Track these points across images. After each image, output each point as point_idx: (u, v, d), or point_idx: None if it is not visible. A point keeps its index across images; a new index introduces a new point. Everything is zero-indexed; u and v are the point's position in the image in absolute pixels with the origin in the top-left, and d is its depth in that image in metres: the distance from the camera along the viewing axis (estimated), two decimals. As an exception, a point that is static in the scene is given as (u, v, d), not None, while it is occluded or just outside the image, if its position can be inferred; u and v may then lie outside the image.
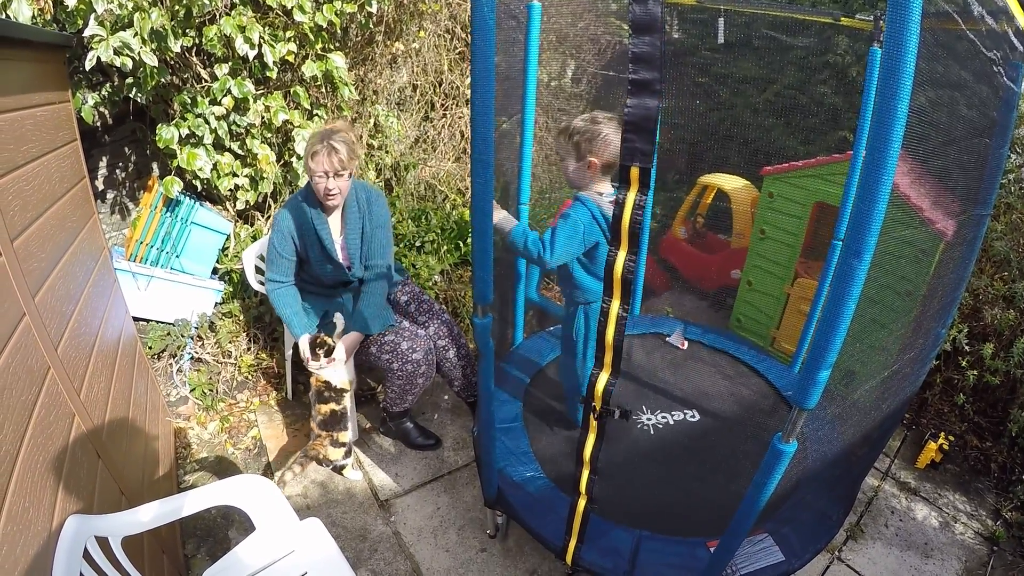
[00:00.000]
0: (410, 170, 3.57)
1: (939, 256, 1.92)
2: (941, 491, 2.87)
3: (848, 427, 1.81)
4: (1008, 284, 2.91)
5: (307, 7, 2.83)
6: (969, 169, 1.77)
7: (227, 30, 2.74)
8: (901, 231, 2.09)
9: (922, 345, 1.98)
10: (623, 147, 1.27)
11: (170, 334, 2.99)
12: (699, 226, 3.94)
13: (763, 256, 3.33)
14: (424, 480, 2.67)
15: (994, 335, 2.93)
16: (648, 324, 3.29)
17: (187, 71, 3.00)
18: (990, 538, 2.67)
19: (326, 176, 2.28)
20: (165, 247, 3.02)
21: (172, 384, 2.99)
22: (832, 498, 2.20)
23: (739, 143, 3.40)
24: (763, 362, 3.00)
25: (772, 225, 3.24)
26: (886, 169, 1.08)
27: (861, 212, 1.14)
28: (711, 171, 3.66)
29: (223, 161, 2.95)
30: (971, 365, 2.92)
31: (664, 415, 2.62)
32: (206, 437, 2.86)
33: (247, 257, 2.77)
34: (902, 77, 1.01)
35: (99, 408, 1.96)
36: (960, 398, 2.94)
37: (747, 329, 3.51)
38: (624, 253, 1.36)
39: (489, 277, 1.68)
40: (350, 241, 2.51)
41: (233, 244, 3.19)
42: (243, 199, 3.02)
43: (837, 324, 1.22)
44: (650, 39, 1.20)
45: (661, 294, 3.98)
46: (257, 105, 2.92)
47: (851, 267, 1.17)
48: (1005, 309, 2.87)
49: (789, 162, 3.11)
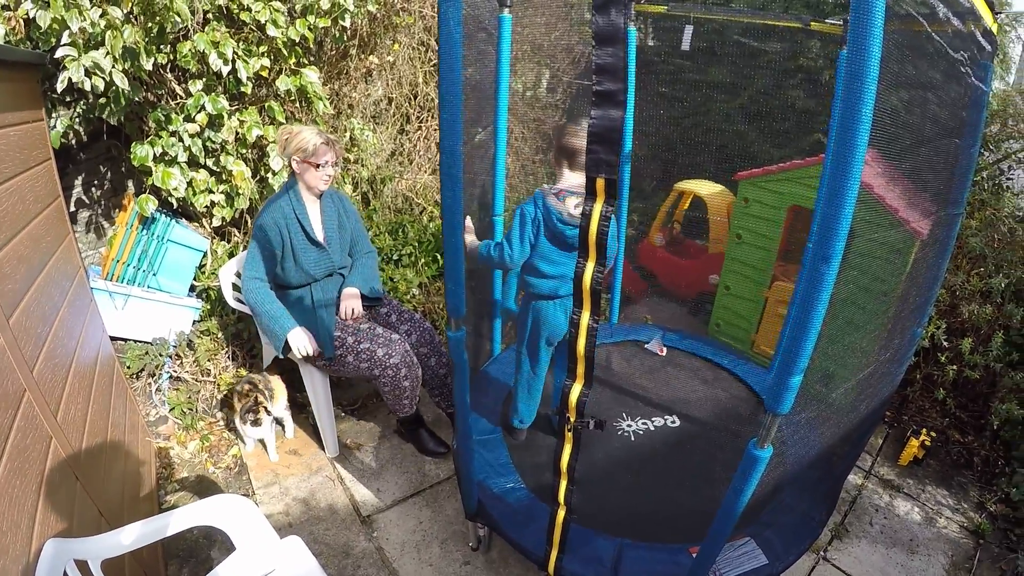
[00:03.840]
0: (387, 183, 3.55)
1: (914, 256, 1.92)
2: (924, 487, 2.87)
3: (827, 428, 1.80)
4: (984, 279, 2.92)
5: (280, 22, 2.81)
6: (940, 169, 1.77)
7: (201, 46, 2.71)
8: (876, 232, 2.09)
9: (899, 345, 1.97)
10: (588, 158, 1.25)
11: (148, 353, 2.94)
12: (676, 232, 3.94)
13: (740, 261, 3.33)
14: (406, 494, 2.64)
15: (972, 330, 2.94)
16: (626, 332, 3.28)
17: (162, 88, 2.97)
18: (975, 531, 2.67)
19: (325, 163, 2.49)
20: (141, 265, 2.98)
21: (151, 403, 2.95)
22: (814, 499, 2.19)
23: (713, 149, 3.40)
24: (742, 366, 3.00)
25: (748, 230, 3.24)
26: (851, 174, 1.07)
27: (828, 217, 1.13)
28: (686, 177, 3.66)
29: (198, 178, 2.92)
30: (950, 361, 2.93)
31: (644, 422, 2.60)
32: (187, 456, 2.81)
33: (224, 275, 2.73)
34: (866, 80, 1.00)
35: (76, 430, 1.92)
36: (940, 393, 2.95)
37: (726, 334, 3.51)
38: (592, 264, 1.34)
39: (461, 290, 1.66)
40: (328, 227, 2.64)
41: (210, 261, 3.15)
42: (219, 216, 2.98)
43: (807, 329, 1.21)
44: (613, 50, 1.19)
45: (639, 301, 3.96)
46: (231, 121, 2.89)
47: (819, 272, 1.16)
48: (982, 304, 2.88)
49: (763, 167, 3.11)
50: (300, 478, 2.69)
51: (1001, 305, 2.90)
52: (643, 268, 4.00)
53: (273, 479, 2.70)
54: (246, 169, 2.93)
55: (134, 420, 2.69)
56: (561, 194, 2.10)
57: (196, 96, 2.83)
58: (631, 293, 3.97)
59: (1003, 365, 2.84)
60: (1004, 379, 2.83)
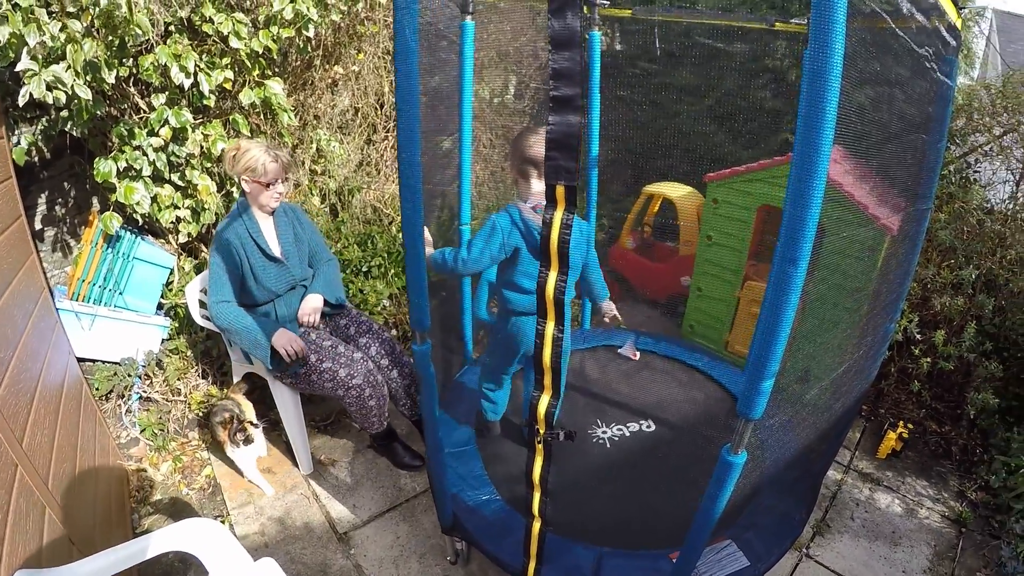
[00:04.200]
0: (355, 194, 3.49)
1: (884, 252, 1.90)
2: (904, 478, 2.87)
3: (804, 429, 1.78)
4: (954, 272, 2.92)
5: (243, 33, 2.74)
6: (909, 165, 1.76)
7: (163, 59, 2.65)
8: (846, 230, 2.07)
9: (872, 341, 1.96)
10: (547, 165, 1.21)
11: (116, 374, 2.86)
12: (647, 236, 3.91)
13: (711, 262, 3.30)
14: (382, 509, 2.58)
15: (944, 322, 2.94)
16: (599, 337, 3.23)
17: (125, 102, 2.89)
18: (957, 520, 2.67)
19: (276, 181, 2.45)
20: (107, 284, 2.90)
21: (122, 425, 2.87)
22: (794, 498, 2.17)
23: (682, 151, 3.38)
24: (717, 368, 2.97)
25: (718, 231, 3.22)
26: (816, 173, 1.04)
27: (794, 218, 1.10)
28: (656, 180, 3.64)
29: (163, 193, 2.85)
30: (924, 353, 2.93)
31: (619, 427, 2.56)
32: (159, 478, 2.74)
33: (190, 292, 2.66)
34: (829, 78, 0.97)
35: (43, 456, 1.86)
36: (915, 386, 2.95)
37: (700, 335, 3.48)
38: (555, 273, 1.30)
39: (425, 303, 1.61)
40: (284, 241, 2.59)
41: (177, 278, 3.07)
42: (185, 231, 2.91)
43: (776, 333, 1.18)
44: (569, 54, 1.15)
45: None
46: (195, 135, 2.82)
47: (787, 274, 1.14)
48: (953, 296, 2.88)
49: (732, 168, 3.10)
50: (275, 496, 2.63)
51: (972, 296, 2.90)
52: (615, 272, 3.96)
53: (247, 499, 2.63)
54: (212, 183, 2.86)
55: (104, 443, 2.62)
56: (538, 207, 2.05)
57: (159, 110, 2.76)
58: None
59: (977, 355, 2.84)
60: (979, 369, 2.84)
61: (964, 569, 2.48)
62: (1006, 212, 3.10)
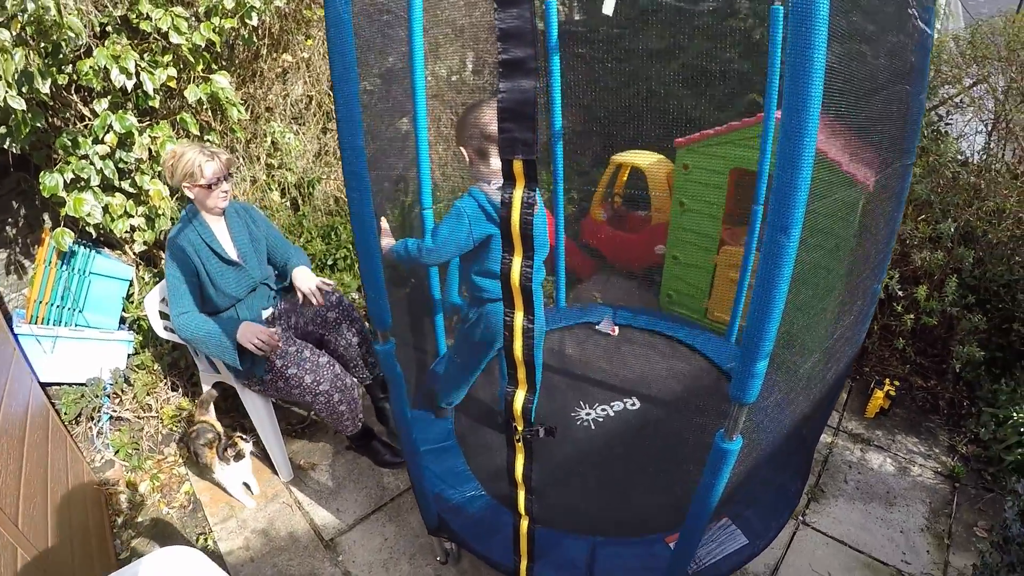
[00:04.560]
0: (315, 185, 3.30)
1: (861, 210, 1.76)
2: (894, 437, 2.78)
3: (798, 403, 1.65)
4: (932, 225, 2.82)
5: (183, 28, 2.54)
6: (893, 119, 1.61)
7: (102, 62, 2.44)
8: (827, 190, 1.94)
9: (861, 306, 1.83)
10: (501, 138, 1.06)
11: (84, 396, 2.68)
12: (618, 206, 3.75)
13: (686, 229, 3.16)
14: (367, 511, 2.44)
15: (925, 277, 2.84)
16: (575, 315, 3.09)
17: (67, 110, 2.68)
18: (950, 476, 2.59)
19: (218, 181, 2.27)
20: (66, 303, 2.71)
21: (95, 448, 2.69)
22: (789, 470, 2.06)
23: (649, 117, 3.20)
24: (698, 337, 2.85)
25: (691, 197, 3.07)
26: (806, 133, 0.90)
27: (784, 183, 0.96)
28: (623, 149, 3.48)
29: (114, 202, 2.65)
30: (906, 309, 2.82)
31: (603, 408, 2.43)
32: (138, 499, 2.57)
33: (149, 303, 2.47)
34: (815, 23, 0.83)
35: (10, 494, 1.71)
36: (900, 342, 2.85)
37: (679, 304, 3.35)
38: (519, 259, 1.15)
39: (383, 299, 1.46)
40: (240, 242, 2.42)
41: (137, 289, 2.88)
42: (141, 240, 2.71)
43: (770, 309, 1.04)
44: (518, 11, 1.00)
45: (587, 279, 3.77)
46: (142, 139, 2.62)
47: (779, 244, 0.99)
48: (933, 251, 2.78)
49: (701, 131, 2.95)
50: (257, 508, 2.47)
51: (951, 249, 2.80)
52: (588, 245, 3.81)
53: (229, 513, 2.48)
54: (163, 187, 2.66)
55: (78, 469, 2.45)
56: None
57: (102, 115, 2.55)
58: (578, 272, 3.77)
59: (959, 309, 2.74)
60: (962, 322, 2.74)
61: (961, 525, 2.40)
62: (980, 164, 2.99)
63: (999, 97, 3.05)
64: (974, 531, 2.39)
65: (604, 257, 3.80)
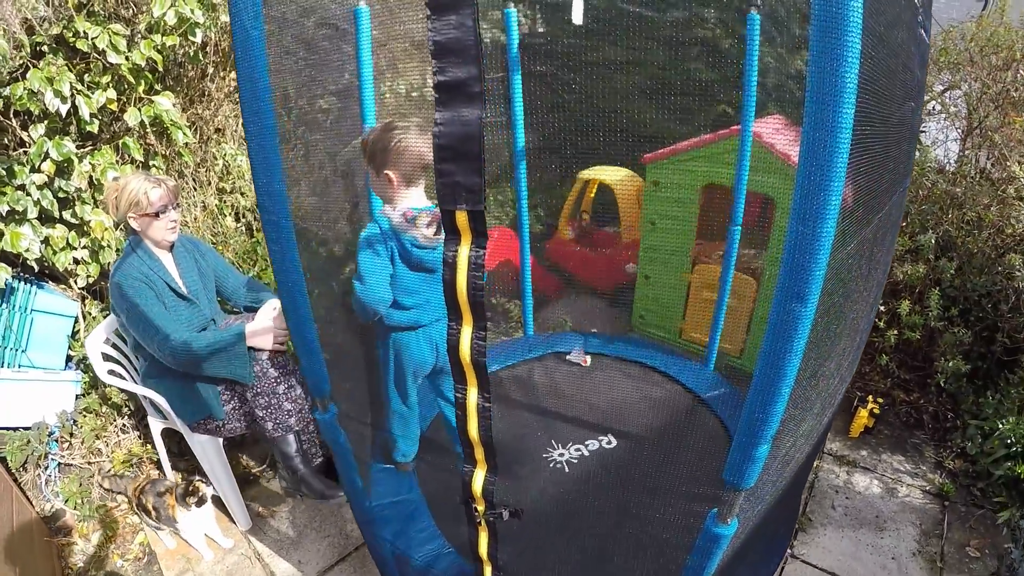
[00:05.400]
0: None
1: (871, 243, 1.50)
2: (880, 456, 2.56)
3: (797, 460, 1.40)
4: (912, 237, 2.60)
5: (121, 46, 2.24)
6: (902, 141, 1.35)
7: (35, 84, 2.14)
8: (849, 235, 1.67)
9: (861, 340, 1.59)
10: (439, 183, 0.79)
11: (29, 442, 2.36)
12: (585, 224, 3.46)
13: (657, 248, 2.88)
14: (330, 563, 2.15)
15: (907, 290, 2.62)
16: (544, 344, 2.77)
17: (4, 135, 2.37)
18: (939, 494, 2.38)
19: (166, 209, 1.99)
20: (7, 343, 2.38)
21: (44, 498, 2.37)
22: (780, 515, 1.82)
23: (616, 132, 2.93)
24: (674, 365, 2.56)
25: (661, 215, 2.79)
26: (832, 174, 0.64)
27: (802, 237, 0.70)
28: (590, 164, 3.19)
29: (55, 234, 2.34)
30: (888, 324, 2.60)
31: (577, 447, 2.14)
32: (91, 550, 2.27)
33: (91, 344, 2.13)
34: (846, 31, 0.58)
35: None
36: (883, 359, 2.62)
37: (652, 324, 3.05)
38: (469, 329, 0.88)
39: (319, 363, 1.18)
40: (188, 278, 2.13)
41: (83, 326, 2.56)
42: (84, 274, 2.40)
43: (778, 389, 0.78)
44: (457, 18, 0.72)
45: (555, 300, 3.44)
46: (82, 166, 2.31)
47: (793, 315, 0.73)
48: (914, 263, 2.56)
49: (671, 146, 2.69)
50: (214, 560, 2.18)
51: (931, 261, 2.58)
52: (556, 265, 3.49)
53: (186, 566, 2.18)
54: (106, 218, 2.36)
55: (25, 520, 2.14)
56: (408, 215, 1.63)
57: (39, 142, 2.24)
58: (546, 293, 3.43)
59: (943, 323, 2.53)
60: (946, 336, 2.52)
61: (953, 545, 2.19)
62: (956, 171, 2.78)
63: (972, 103, 2.85)
64: (966, 551, 2.19)
65: (572, 276, 3.50)
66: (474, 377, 0.93)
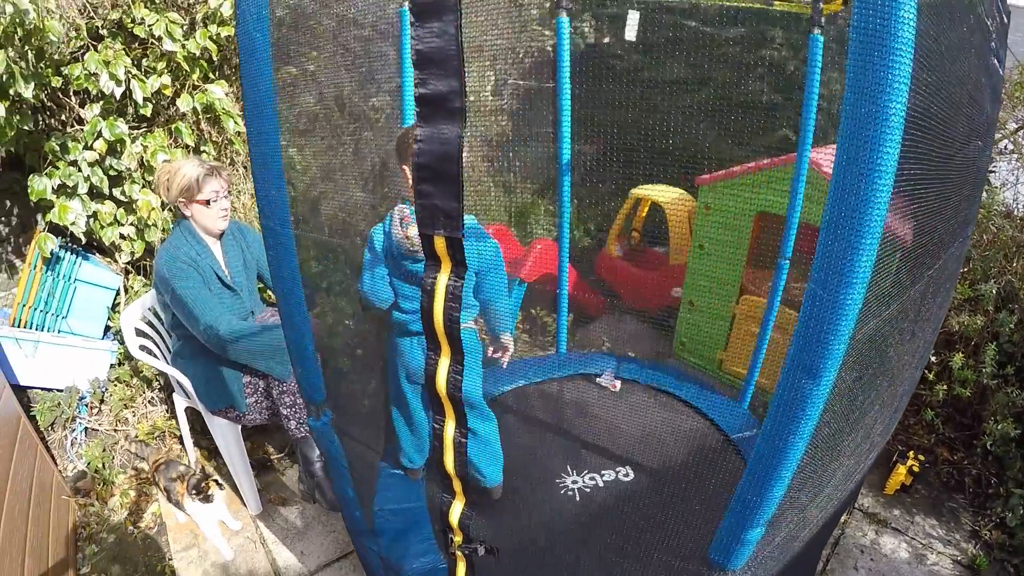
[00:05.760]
0: (320, 203, 3.01)
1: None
2: (912, 517, 2.36)
3: (812, 529, 1.28)
4: (973, 286, 2.39)
5: (177, 34, 2.28)
6: (965, 184, 1.20)
7: (92, 66, 2.20)
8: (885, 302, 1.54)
9: (902, 399, 1.45)
10: (418, 204, 0.73)
11: (60, 404, 2.44)
12: (635, 242, 3.34)
13: (704, 274, 2.72)
14: (331, 558, 2.12)
15: (961, 342, 2.42)
16: (575, 364, 2.64)
17: (63, 112, 2.45)
18: (970, 566, 2.17)
19: (217, 196, 1.99)
20: (49, 309, 2.47)
21: (68, 458, 2.45)
22: (794, 571, 1.69)
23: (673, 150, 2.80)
24: (707, 399, 2.40)
25: (712, 240, 2.64)
26: (866, 229, 0.56)
27: (821, 303, 0.61)
28: (645, 182, 3.06)
29: (103, 210, 2.40)
30: (938, 377, 2.41)
31: (592, 476, 2.03)
32: (106, 515, 2.32)
33: (126, 320, 2.16)
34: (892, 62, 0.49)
35: None
36: (928, 413, 2.43)
37: (692, 352, 2.89)
38: (446, 361, 0.82)
39: (315, 372, 1.14)
40: (233, 267, 2.12)
41: (124, 299, 2.63)
42: (128, 250, 2.46)
43: (777, 473, 0.69)
44: (440, 25, 0.66)
45: (595, 319, 3.33)
46: (133, 147, 2.37)
47: (802, 391, 0.64)
48: (972, 314, 2.35)
49: (726, 169, 2.55)
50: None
51: (991, 313, 2.37)
52: (601, 282, 3.36)
53: (192, 541, 2.21)
54: (154, 198, 2.40)
55: (46, 479, 2.21)
56: (407, 220, 1.58)
57: (92, 121, 2.31)
58: (587, 311, 3.32)
59: (997, 381, 2.32)
60: (998, 395, 2.31)
61: (981, 626, 2.00)
62: (1025, 218, 2.55)
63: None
64: (995, 635, 1.99)
65: (616, 295, 3.38)
66: (451, 410, 0.87)
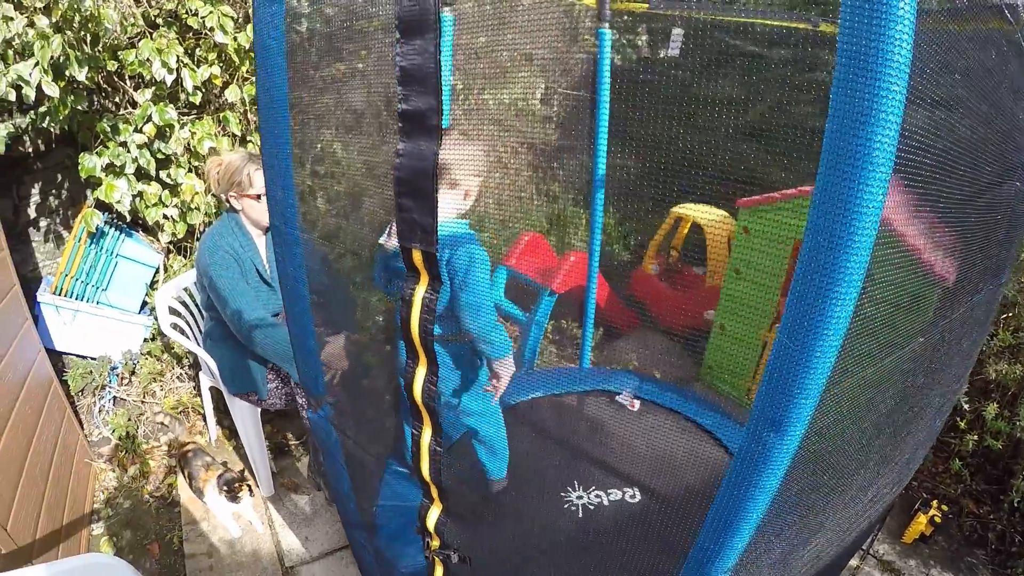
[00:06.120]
0: (363, 198, 3.05)
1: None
2: (929, 570, 2.24)
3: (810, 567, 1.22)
4: (1014, 332, 2.26)
5: (228, 27, 2.35)
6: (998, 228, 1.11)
7: (145, 53, 2.29)
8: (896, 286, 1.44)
9: (916, 446, 1.37)
10: (399, 217, 0.73)
11: (91, 372, 2.55)
12: (673, 261, 3.27)
13: (737, 299, 2.64)
14: (335, 547, 2.15)
15: (997, 390, 2.29)
16: (596, 379, 2.59)
17: (117, 95, 2.57)
18: (986, 630, 2.06)
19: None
20: (90, 280, 2.58)
21: (94, 424, 2.56)
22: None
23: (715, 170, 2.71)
24: (726, 428, 2.31)
25: (748, 264, 2.56)
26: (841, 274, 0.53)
27: (787, 353, 0.59)
28: (686, 201, 2.98)
29: (149, 191, 2.50)
30: (970, 426, 2.28)
31: (598, 493, 1.98)
32: (125, 481, 2.42)
33: (160, 298, 2.22)
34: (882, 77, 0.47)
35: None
36: (956, 464, 2.30)
37: (719, 378, 2.80)
38: (423, 371, 0.82)
39: (315, 364, 1.16)
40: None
41: (163, 277, 2.72)
42: (170, 230, 2.55)
43: (735, 524, 0.66)
44: (422, 43, 0.67)
45: (627, 334, 3.23)
46: (181, 132, 2.46)
47: (765, 444, 0.61)
48: (1011, 363, 2.22)
49: (767, 193, 2.47)
50: (228, 519, 2.26)
51: (1034, 363, 2.24)
52: (632, 298, 3.28)
53: (203, 515, 2.27)
54: (197, 182, 2.49)
55: (70, 442, 2.31)
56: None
57: (143, 106, 2.40)
58: (617, 326, 3.22)
59: (1033, 435, 2.18)
60: (1033, 451, 2.18)
61: None
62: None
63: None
64: None
65: (648, 313, 3.28)
66: (428, 418, 0.86)
